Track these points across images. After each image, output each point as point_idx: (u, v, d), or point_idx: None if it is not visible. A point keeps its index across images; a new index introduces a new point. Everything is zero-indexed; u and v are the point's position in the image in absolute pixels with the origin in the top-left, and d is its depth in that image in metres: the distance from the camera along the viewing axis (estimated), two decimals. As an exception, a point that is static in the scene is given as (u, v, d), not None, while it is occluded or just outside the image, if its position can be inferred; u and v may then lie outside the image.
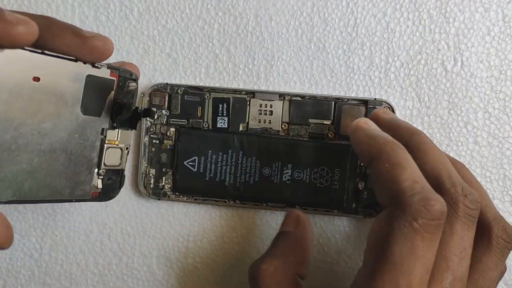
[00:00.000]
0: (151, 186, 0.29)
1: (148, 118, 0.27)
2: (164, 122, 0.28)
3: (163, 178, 0.28)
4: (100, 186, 0.23)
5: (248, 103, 0.28)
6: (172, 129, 0.28)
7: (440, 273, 0.20)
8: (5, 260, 0.30)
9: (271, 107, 0.28)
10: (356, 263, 0.29)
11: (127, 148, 0.24)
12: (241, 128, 0.28)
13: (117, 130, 0.23)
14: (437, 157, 0.22)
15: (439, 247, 0.20)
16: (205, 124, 0.28)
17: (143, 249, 0.29)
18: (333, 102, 0.28)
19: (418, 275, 0.18)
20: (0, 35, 0.17)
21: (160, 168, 0.28)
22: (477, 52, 0.28)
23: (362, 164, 0.28)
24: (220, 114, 0.28)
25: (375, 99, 0.27)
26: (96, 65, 0.21)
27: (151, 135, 0.28)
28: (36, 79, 0.19)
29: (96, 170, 0.22)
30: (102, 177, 0.23)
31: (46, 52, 0.19)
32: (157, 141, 0.28)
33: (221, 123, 0.28)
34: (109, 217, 0.29)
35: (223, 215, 0.29)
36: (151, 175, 0.28)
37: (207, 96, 0.28)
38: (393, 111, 0.27)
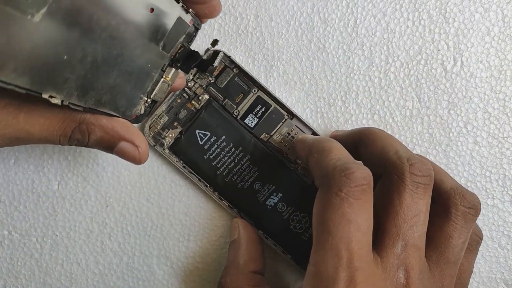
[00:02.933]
0: (156, 130, 0.28)
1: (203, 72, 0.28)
2: (204, 86, 0.28)
3: (170, 130, 0.28)
4: (142, 111, 0.24)
5: (283, 121, 0.28)
6: (206, 96, 0.28)
7: (391, 240, 0.21)
8: (6, 260, 0.30)
9: None
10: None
11: (170, 85, 0.25)
12: (262, 136, 0.28)
13: (173, 68, 0.24)
14: (385, 140, 0.23)
15: (390, 217, 0.21)
16: (236, 112, 0.28)
17: (144, 249, 0.29)
18: None
19: (355, 239, 0.19)
20: None
21: (173, 120, 0.28)
22: (477, 52, 0.28)
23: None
24: (254, 113, 0.28)
25: None
26: (188, 10, 0.23)
27: (185, 88, 0.28)
28: (151, 10, 0.21)
29: (145, 97, 0.24)
30: (147, 104, 0.24)
31: None
32: (187, 97, 0.28)
33: (250, 120, 0.28)
34: (110, 216, 0.29)
35: (223, 215, 0.29)
36: (162, 121, 0.28)
37: (254, 91, 0.28)
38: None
